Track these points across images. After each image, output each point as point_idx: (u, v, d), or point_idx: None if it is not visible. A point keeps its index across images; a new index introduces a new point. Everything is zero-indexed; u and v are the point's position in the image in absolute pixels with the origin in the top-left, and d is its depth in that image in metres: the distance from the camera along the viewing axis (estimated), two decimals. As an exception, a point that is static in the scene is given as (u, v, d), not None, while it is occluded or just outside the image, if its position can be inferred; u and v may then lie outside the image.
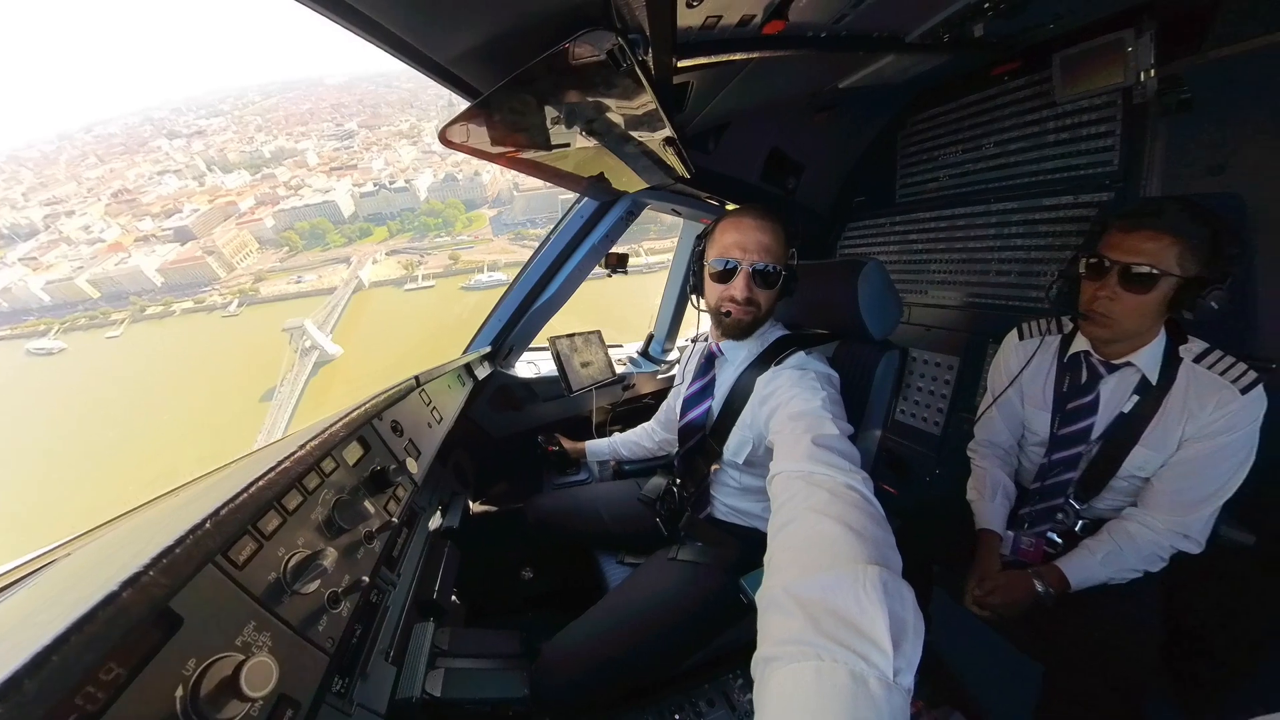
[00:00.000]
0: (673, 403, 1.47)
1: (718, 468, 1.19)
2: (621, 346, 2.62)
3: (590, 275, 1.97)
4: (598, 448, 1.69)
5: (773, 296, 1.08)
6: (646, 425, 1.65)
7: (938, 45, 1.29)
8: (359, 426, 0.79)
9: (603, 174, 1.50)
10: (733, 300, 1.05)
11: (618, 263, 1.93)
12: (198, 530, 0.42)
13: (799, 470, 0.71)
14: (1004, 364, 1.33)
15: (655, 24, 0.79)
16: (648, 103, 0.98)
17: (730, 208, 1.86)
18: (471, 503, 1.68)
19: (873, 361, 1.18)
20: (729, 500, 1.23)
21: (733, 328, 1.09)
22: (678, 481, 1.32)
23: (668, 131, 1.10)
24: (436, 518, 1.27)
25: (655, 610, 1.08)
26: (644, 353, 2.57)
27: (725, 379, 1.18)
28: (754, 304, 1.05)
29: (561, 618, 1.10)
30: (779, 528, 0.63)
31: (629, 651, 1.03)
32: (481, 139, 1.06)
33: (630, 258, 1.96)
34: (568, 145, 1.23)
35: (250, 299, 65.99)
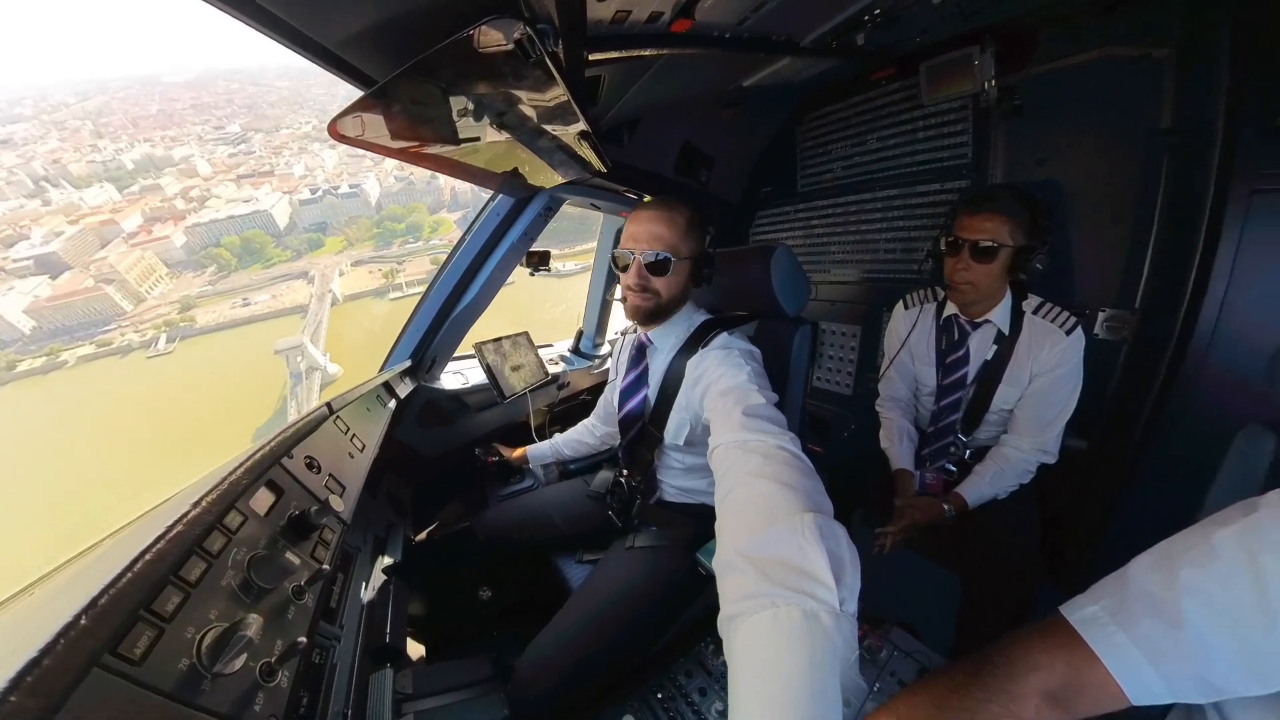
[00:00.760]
0: (610, 396, 1.47)
1: (661, 452, 1.23)
2: (552, 346, 2.56)
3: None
4: (540, 451, 1.64)
5: (673, 283, 1.10)
6: (586, 422, 1.63)
7: (827, 50, 1.41)
8: (265, 470, 0.69)
9: (517, 169, 1.44)
10: (629, 288, 1.10)
11: (539, 261, 1.87)
12: (71, 630, 0.34)
13: (734, 440, 0.76)
14: (895, 330, 1.56)
15: (564, 15, 0.77)
16: (560, 95, 0.95)
17: (646, 200, 1.89)
18: (412, 532, 1.54)
19: (789, 336, 1.27)
20: (676, 481, 1.27)
21: (634, 314, 1.14)
22: (624, 472, 1.33)
23: (582, 125, 1.08)
24: (377, 556, 1.15)
25: (621, 601, 1.10)
26: (575, 350, 2.53)
27: (657, 367, 1.21)
28: (650, 291, 1.09)
29: (529, 630, 1.08)
30: (723, 497, 0.68)
31: (602, 647, 1.04)
32: (378, 131, 0.96)
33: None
34: (478, 139, 1.16)
35: (185, 331, 56.04)
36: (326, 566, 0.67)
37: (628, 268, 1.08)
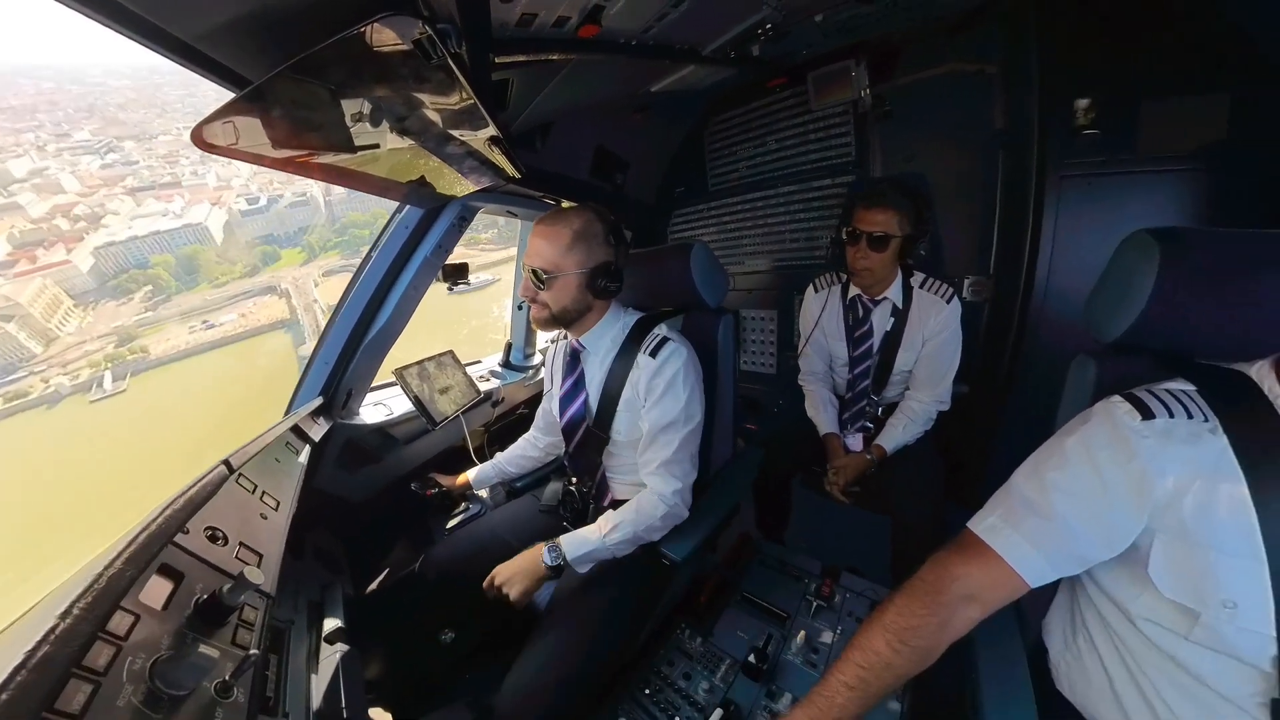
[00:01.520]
0: (548, 406, 1.43)
1: (610, 453, 1.22)
2: (480, 362, 2.42)
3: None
4: (482, 474, 1.54)
5: (560, 296, 1.08)
6: (528, 435, 1.56)
7: (726, 60, 1.51)
8: (154, 554, 0.57)
9: (424, 178, 1.35)
10: (525, 299, 1.13)
11: (456, 274, 1.76)
12: None
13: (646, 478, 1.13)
14: (808, 312, 1.73)
15: (467, 15, 0.73)
16: (466, 99, 0.90)
17: (565, 205, 1.87)
18: (353, 588, 1.36)
19: (714, 326, 1.34)
20: (628, 477, 1.26)
21: (534, 322, 1.17)
22: (573, 480, 1.31)
23: (492, 130, 1.04)
24: (316, 624, 1.00)
25: (594, 609, 1.09)
26: (506, 363, 2.42)
27: (594, 371, 1.21)
28: (539, 303, 1.10)
29: (504, 662, 1.04)
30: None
31: (583, 661, 1.01)
32: (254, 139, 0.84)
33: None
34: (377, 147, 1.07)
35: (137, 365, 48.54)
36: (254, 651, 0.57)
37: (525, 279, 1.12)
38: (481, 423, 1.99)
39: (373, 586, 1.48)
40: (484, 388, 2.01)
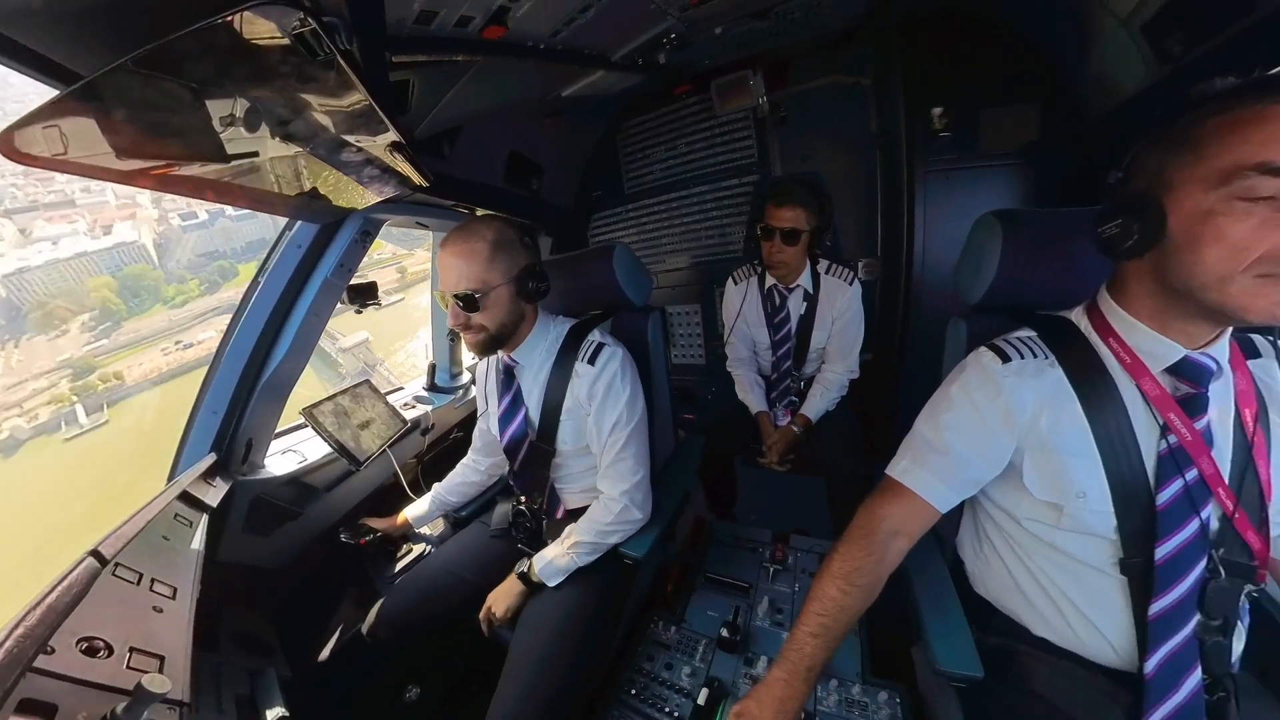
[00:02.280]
0: (486, 426, 1.36)
1: (557, 465, 1.20)
2: (402, 389, 2.22)
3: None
4: (422, 511, 1.41)
5: (495, 313, 1.03)
6: (466, 460, 1.46)
7: (635, 67, 1.56)
8: (6, 690, 0.44)
9: (317, 190, 1.21)
10: (455, 328, 1.05)
11: (364, 295, 1.60)
12: None
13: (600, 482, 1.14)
14: (730, 303, 1.86)
15: (356, 9, 0.67)
16: (360, 101, 0.82)
17: (480, 213, 1.78)
18: (289, 668, 1.15)
19: (642, 325, 1.37)
20: (578, 485, 1.24)
21: (474, 349, 1.09)
22: (522, 498, 1.25)
23: (392, 135, 0.95)
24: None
25: (565, 626, 1.06)
26: (432, 386, 2.24)
27: (531, 385, 1.17)
28: (474, 327, 1.03)
29: (480, 703, 0.98)
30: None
31: (564, 679, 1.00)
32: (88, 146, 0.70)
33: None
34: (254, 155, 0.94)
35: (112, 395, 46.34)
36: None
37: (450, 308, 1.03)
38: (413, 454, 1.82)
39: (323, 656, 1.29)
40: (410, 415, 1.83)
